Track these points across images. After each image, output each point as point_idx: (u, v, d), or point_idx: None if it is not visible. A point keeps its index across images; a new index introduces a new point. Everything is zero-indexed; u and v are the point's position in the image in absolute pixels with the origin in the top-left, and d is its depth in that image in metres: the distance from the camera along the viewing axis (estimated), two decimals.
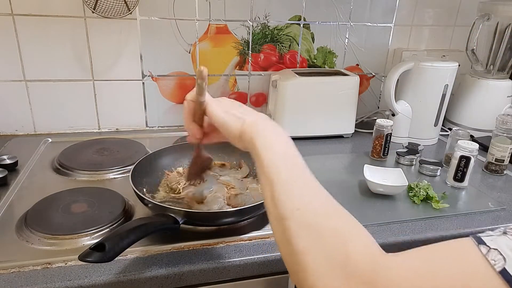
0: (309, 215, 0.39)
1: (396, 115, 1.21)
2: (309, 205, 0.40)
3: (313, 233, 0.38)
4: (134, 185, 0.75)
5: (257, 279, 0.71)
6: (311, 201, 0.41)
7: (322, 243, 0.37)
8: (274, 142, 0.47)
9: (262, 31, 1.23)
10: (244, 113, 0.52)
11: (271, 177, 0.43)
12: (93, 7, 1.01)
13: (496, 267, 0.31)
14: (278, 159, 0.45)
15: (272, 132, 0.49)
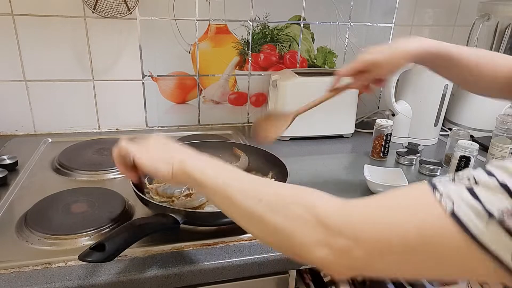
0: (270, 200, 0.45)
1: (396, 115, 1.21)
2: (268, 195, 0.46)
3: (285, 212, 0.44)
4: (134, 185, 0.75)
5: (257, 279, 0.71)
6: (265, 190, 0.47)
7: (295, 216, 0.43)
8: (208, 169, 0.52)
9: (262, 31, 1.23)
10: (169, 155, 0.57)
11: (226, 194, 0.48)
12: (93, 7, 1.01)
13: (447, 209, 0.36)
14: (222, 178, 0.50)
15: (201, 162, 0.54)
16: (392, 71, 0.76)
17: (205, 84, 1.25)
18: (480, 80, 0.75)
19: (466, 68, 0.73)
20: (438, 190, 0.38)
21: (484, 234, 0.34)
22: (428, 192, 0.38)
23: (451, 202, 0.36)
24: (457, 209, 0.36)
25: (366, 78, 0.78)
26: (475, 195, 0.36)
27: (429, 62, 0.75)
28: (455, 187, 0.37)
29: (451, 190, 0.37)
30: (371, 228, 0.39)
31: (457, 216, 0.36)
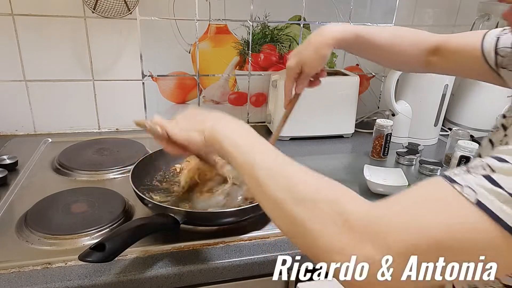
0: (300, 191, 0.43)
1: (396, 115, 1.21)
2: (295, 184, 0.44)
3: (310, 207, 0.41)
4: (134, 185, 0.75)
5: (257, 279, 0.71)
6: (295, 178, 0.45)
7: (321, 214, 0.40)
8: (238, 138, 0.51)
9: (262, 31, 1.23)
10: (201, 123, 0.57)
11: (254, 174, 0.46)
12: (93, 7, 1.01)
13: (471, 200, 0.35)
14: (252, 155, 0.48)
15: (232, 131, 0.53)
16: (320, 64, 0.77)
17: (205, 84, 1.25)
18: (395, 57, 0.80)
19: (382, 48, 0.78)
20: (457, 183, 0.37)
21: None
22: (447, 186, 0.37)
23: (473, 192, 0.36)
24: (482, 198, 0.35)
25: (304, 78, 0.79)
26: (496, 183, 0.35)
27: (348, 47, 0.78)
28: (473, 177, 0.37)
29: (470, 181, 0.37)
30: (393, 232, 0.37)
31: (483, 204, 0.35)
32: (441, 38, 0.78)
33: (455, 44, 0.76)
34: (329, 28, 0.76)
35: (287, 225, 0.44)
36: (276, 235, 0.74)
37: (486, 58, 0.69)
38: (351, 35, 0.75)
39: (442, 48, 0.77)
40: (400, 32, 0.81)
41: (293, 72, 0.78)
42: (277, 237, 0.73)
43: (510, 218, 0.34)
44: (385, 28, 0.81)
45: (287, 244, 0.72)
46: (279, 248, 0.71)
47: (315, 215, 0.41)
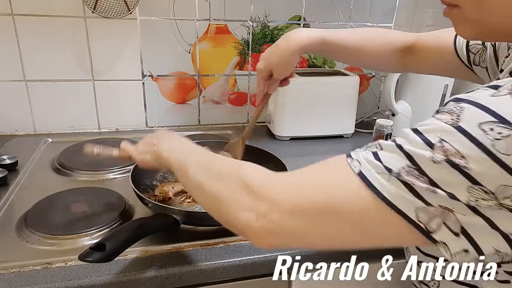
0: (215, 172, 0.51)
1: (396, 115, 1.21)
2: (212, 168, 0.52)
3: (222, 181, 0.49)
4: (134, 185, 0.75)
5: (257, 279, 0.71)
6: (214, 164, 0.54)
7: (230, 185, 0.48)
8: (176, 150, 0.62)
9: (262, 31, 1.23)
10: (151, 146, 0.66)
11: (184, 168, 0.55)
12: (93, 7, 1.01)
13: (356, 170, 0.40)
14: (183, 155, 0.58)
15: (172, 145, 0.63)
16: (288, 70, 0.81)
17: (205, 84, 1.25)
18: (366, 59, 0.83)
19: (350, 51, 0.80)
20: (351, 157, 0.42)
21: (386, 189, 0.38)
22: (342, 159, 0.43)
23: (359, 164, 0.40)
24: (364, 170, 0.40)
25: (275, 81, 0.83)
26: (378, 157, 0.40)
27: (316, 51, 0.82)
28: (364, 152, 0.42)
29: (360, 155, 0.41)
30: (287, 192, 0.43)
31: (363, 174, 0.39)
32: (414, 37, 0.79)
33: (428, 42, 0.76)
34: (296, 34, 0.78)
35: (207, 201, 0.52)
36: None
37: (459, 55, 0.70)
38: (317, 41, 0.77)
39: (416, 47, 0.78)
40: (370, 34, 0.82)
41: (263, 74, 0.81)
42: None
43: (383, 187, 0.38)
44: (355, 30, 0.83)
45: None
46: (279, 248, 0.71)
47: (226, 186, 0.48)
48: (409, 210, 0.37)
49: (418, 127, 0.39)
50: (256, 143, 1.00)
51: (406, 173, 0.37)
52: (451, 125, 0.36)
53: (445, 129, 0.36)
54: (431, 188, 0.36)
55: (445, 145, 0.36)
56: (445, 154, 0.35)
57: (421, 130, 0.38)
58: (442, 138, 0.36)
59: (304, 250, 0.70)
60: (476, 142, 0.34)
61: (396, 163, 0.38)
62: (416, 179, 0.37)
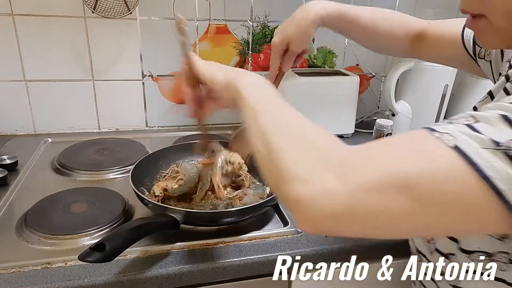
0: (287, 125, 0.44)
1: (396, 115, 1.21)
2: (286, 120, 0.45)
3: (291, 136, 0.42)
4: (134, 185, 0.75)
5: (257, 279, 0.71)
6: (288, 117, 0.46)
7: (299, 144, 0.41)
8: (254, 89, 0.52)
9: (262, 31, 1.23)
10: (226, 69, 0.59)
11: (255, 112, 0.47)
12: (93, 7, 1.01)
13: (450, 144, 0.34)
14: (259, 100, 0.49)
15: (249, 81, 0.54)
16: (306, 41, 0.78)
17: None
18: (379, 38, 0.80)
19: (366, 28, 0.77)
20: (437, 131, 0.36)
21: (491, 167, 0.32)
22: (426, 134, 0.37)
23: (452, 137, 0.35)
24: (460, 143, 0.34)
25: (291, 56, 0.79)
26: (477, 130, 0.34)
27: (332, 25, 0.77)
28: (454, 126, 0.36)
29: (450, 129, 0.36)
30: (361, 165, 0.37)
31: (460, 148, 0.33)
32: (425, 24, 0.78)
33: (439, 30, 0.75)
34: (313, 4, 0.75)
35: (264, 152, 0.43)
36: (277, 235, 0.74)
37: (466, 47, 0.70)
38: (336, 12, 0.75)
39: (427, 34, 0.77)
40: (387, 14, 0.81)
41: (279, 49, 0.77)
42: (277, 237, 0.73)
43: (487, 163, 0.33)
44: (373, 9, 0.80)
45: (287, 244, 0.72)
46: (279, 248, 0.71)
47: (290, 140, 0.41)
48: (511, 192, 0.32)
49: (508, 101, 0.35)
50: None
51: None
52: None
53: None
54: None
55: None
56: None
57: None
58: None
59: (304, 250, 0.70)
60: None
61: (502, 135, 0.33)
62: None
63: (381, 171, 0.35)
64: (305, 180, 0.37)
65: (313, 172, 0.37)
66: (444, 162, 0.34)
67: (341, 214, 0.36)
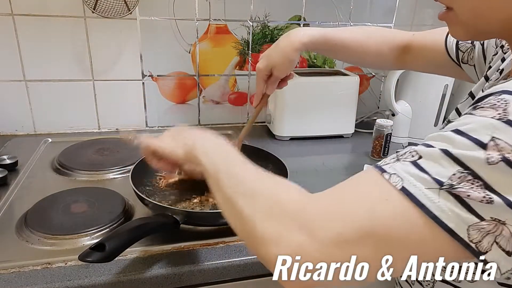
0: (245, 186, 0.46)
1: (396, 115, 1.21)
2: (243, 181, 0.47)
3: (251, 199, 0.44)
4: (134, 185, 0.75)
5: (257, 279, 0.71)
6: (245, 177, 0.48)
7: (260, 205, 0.43)
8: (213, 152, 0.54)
9: (262, 31, 1.23)
10: (184, 140, 0.60)
11: (217, 177, 0.49)
12: (93, 7, 1.01)
13: (398, 186, 0.36)
14: (218, 162, 0.51)
15: (209, 146, 0.56)
16: (289, 68, 0.81)
17: (205, 84, 1.25)
18: (365, 56, 0.83)
19: (350, 49, 0.80)
20: (386, 172, 0.38)
21: (437, 207, 0.34)
22: (376, 176, 0.38)
23: (399, 179, 0.36)
24: (407, 185, 0.36)
25: (274, 80, 0.83)
26: (421, 168, 0.36)
27: (317, 49, 0.83)
28: (401, 164, 0.37)
29: (398, 168, 0.37)
30: (325, 221, 0.38)
31: (407, 190, 0.35)
32: (410, 36, 0.80)
33: (423, 40, 0.77)
34: (296, 32, 0.78)
35: (234, 218, 0.46)
36: None
37: (449, 53, 0.72)
38: (318, 38, 0.78)
39: (412, 46, 0.79)
40: (369, 32, 0.83)
41: (263, 74, 0.81)
42: None
43: (433, 204, 0.34)
44: (354, 29, 0.84)
45: None
46: None
47: (255, 205, 0.43)
48: (461, 229, 0.34)
49: (459, 128, 0.35)
50: (256, 143, 1.00)
51: (459, 180, 0.33)
52: (500, 120, 0.33)
53: (495, 126, 0.33)
54: (487, 195, 0.33)
55: (499, 143, 0.32)
56: (501, 153, 0.32)
57: (465, 129, 0.35)
58: (494, 135, 0.33)
59: None
60: None
61: (445, 171, 0.34)
62: (470, 186, 0.33)
63: (344, 225, 0.37)
64: (277, 242, 0.39)
65: (282, 233, 0.39)
66: (394, 207, 0.36)
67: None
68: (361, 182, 0.40)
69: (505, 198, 0.33)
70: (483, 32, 0.47)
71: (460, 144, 0.34)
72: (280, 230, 0.40)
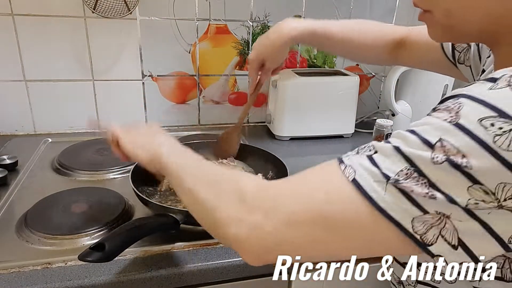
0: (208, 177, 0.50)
1: (396, 115, 1.21)
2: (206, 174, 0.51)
3: (214, 188, 0.48)
4: (134, 185, 0.75)
5: (257, 279, 0.71)
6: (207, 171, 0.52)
7: (222, 192, 0.46)
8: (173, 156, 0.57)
9: (262, 31, 1.23)
10: (149, 143, 0.61)
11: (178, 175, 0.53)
12: (93, 7, 1.01)
13: (350, 177, 0.38)
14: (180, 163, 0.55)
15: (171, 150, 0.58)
16: (280, 60, 0.85)
17: (205, 84, 1.25)
18: (355, 50, 0.83)
19: (340, 43, 0.81)
20: (344, 163, 0.40)
21: (383, 200, 0.36)
22: (334, 165, 0.41)
23: (353, 170, 0.39)
24: (358, 176, 0.38)
25: (267, 71, 0.86)
26: (374, 162, 0.38)
27: (306, 42, 0.83)
28: (357, 157, 0.40)
29: (354, 161, 0.40)
30: (280, 203, 0.41)
31: (357, 182, 0.38)
32: (405, 31, 0.79)
33: (419, 36, 0.77)
34: (286, 25, 0.79)
35: (197, 209, 0.49)
36: None
37: (445, 52, 0.71)
38: (307, 31, 0.78)
39: (407, 41, 0.79)
40: (363, 26, 0.83)
41: (255, 64, 0.84)
42: None
43: (380, 197, 0.36)
44: (345, 22, 0.83)
45: None
46: None
47: (217, 193, 0.46)
48: (406, 220, 0.36)
49: (414, 128, 0.37)
50: (256, 143, 1.00)
51: (405, 176, 0.35)
52: (450, 122, 0.35)
53: (445, 128, 0.35)
54: (430, 192, 0.35)
55: (446, 144, 0.34)
56: (446, 154, 0.34)
57: (418, 130, 0.37)
58: (442, 137, 0.35)
59: None
60: (477, 139, 0.33)
61: (393, 167, 0.36)
62: (415, 183, 0.35)
63: (297, 207, 0.40)
64: (237, 223, 0.42)
65: (242, 215, 0.42)
66: (345, 196, 0.38)
67: (272, 248, 0.42)
68: (320, 170, 0.43)
69: (447, 195, 0.34)
70: (460, 34, 0.47)
71: (411, 142, 0.36)
72: (239, 212, 0.43)
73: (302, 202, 0.40)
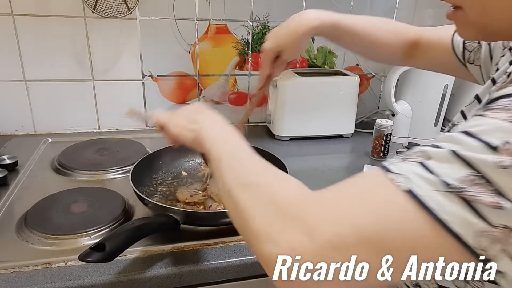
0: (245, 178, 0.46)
1: (396, 115, 1.21)
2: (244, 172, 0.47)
3: (250, 192, 0.43)
4: (134, 185, 0.75)
5: (257, 279, 0.71)
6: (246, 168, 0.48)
7: (258, 199, 0.42)
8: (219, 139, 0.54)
9: (262, 31, 1.23)
10: (193, 122, 0.59)
11: (218, 165, 0.49)
12: (93, 7, 1.01)
13: (403, 187, 0.34)
14: (222, 150, 0.51)
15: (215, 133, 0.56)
16: (299, 52, 0.81)
17: (205, 84, 1.25)
18: (374, 48, 0.79)
19: (360, 38, 0.77)
20: (392, 172, 0.36)
21: (444, 211, 0.32)
22: (381, 175, 0.36)
23: (405, 179, 0.34)
24: (414, 186, 0.34)
25: (282, 63, 0.79)
26: (429, 169, 0.34)
27: (327, 34, 0.77)
28: (407, 165, 0.36)
29: (404, 168, 0.35)
30: (323, 221, 0.37)
31: (413, 192, 0.33)
32: (420, 31, 0.78)
33: (430, 37, 0.75)
34: (307, 15, 0.74)
35: (233, 211, 0.45)
36: None
37: (455, 52, 0.70)
38: (330, 22, 0.74)
39: (421, 41, 0.77)
40: (382, 23, 0.80)
41: (271, 55, 0.77)
42: None
43: (441, 207, 0.32)
44: (367, 18, 0.79)
45: None
46: None
47: (253, 198, 0.42)
48: (469, 234, 0.32)
49: (468, 130, 0.34)
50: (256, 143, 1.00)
51: (469, 182, 0.32)
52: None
53: (506, 128, 0.31)
54: (496, 201, 0.31)
55: (511, 147, 0.31)
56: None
57: (475, 132, 0.33)
58: (506, 139, 0.31)
59: None
60: None
61: (454, 173, 0.32)
62: (480, 190, 0.31)
63: (343, 227, 0.36)
64: (274, 240, 0.38)
65: (280, 231, 0.38)
66: (399, 209, 0.34)
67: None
68: (365, 182, 0.38)
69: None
70: (493, 33, 0.45)
71: (469, 146, 0.33)
72: (277, 227, 0.38)
73: (349, 223, 0.36)
